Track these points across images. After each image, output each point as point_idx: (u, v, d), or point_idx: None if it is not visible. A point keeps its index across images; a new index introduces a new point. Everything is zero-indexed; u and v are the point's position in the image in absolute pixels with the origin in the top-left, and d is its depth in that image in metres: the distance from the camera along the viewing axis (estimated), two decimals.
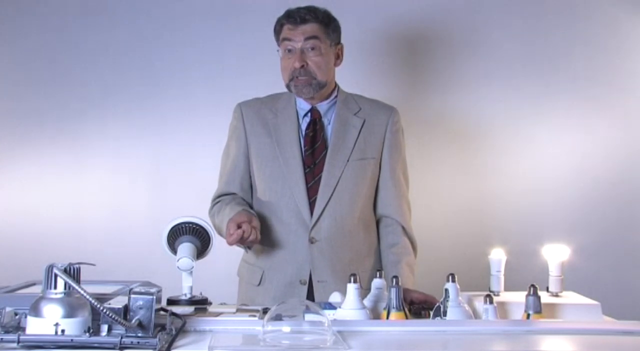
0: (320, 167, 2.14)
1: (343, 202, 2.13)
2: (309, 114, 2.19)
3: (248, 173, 2.22)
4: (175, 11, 2.91)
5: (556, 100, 2.96)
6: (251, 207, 2.19)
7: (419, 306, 1.84)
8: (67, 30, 2.90)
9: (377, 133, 2.20)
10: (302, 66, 2.11)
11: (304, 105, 2.20)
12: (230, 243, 1.97)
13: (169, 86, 2.91)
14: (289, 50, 2.13)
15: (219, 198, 2.22)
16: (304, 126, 2.18)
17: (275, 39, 2.19)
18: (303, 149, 2.15)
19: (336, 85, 2.24)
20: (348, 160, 2.15)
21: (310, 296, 2.09)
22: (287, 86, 2.17)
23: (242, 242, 1.98)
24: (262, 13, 2.84)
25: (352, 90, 2.30)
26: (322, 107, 2.20)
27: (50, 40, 2.90)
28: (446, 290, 1.64)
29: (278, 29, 2.17)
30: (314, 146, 2.16)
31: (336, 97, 2.22)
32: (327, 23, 2.16)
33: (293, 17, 2.13)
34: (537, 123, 2.95)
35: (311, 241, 2.12)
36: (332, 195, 2.12)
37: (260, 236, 2.01)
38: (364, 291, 1.79)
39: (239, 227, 1.95)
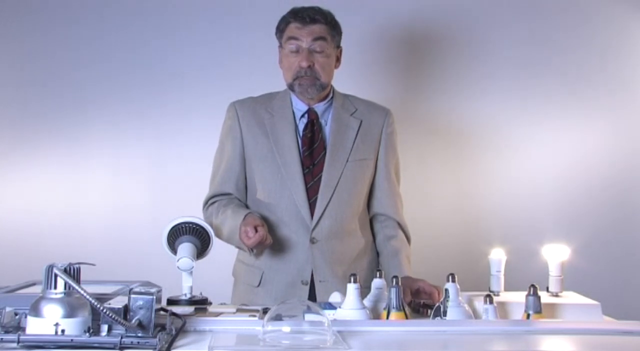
0: (319, 168, 2.14)
1: (343, 202, 2.13)
2: (306, 115, 2.18)
3: (244, 173, 2.20)
4: (175, 13, 2.91)
5: (556, 100, 2.96)
6: (247, 208, 2.19)
7: (421, 303, 1.85)
8: (67, 32, 2.90)
9: (374, 134, 2.21)
10: (309, 66, 2.10)
11: (300, 106, 2.19)
12: (251, 245, 1.98)
13: (169, 87, 2.91)
14: (295, 49, 2.13)
15: (214, 198, 2.21)
16: (301, 127, 2.18)
17: (278, 37, 2.18)
18: (301, 150, 2.15)
19: (331, 86, 2.23)
20: (347, 161, 2.15)
21: (312, 296, 2.09)
22: (290, 85, 2.16)
23: (258, 245, 1.99)
24: (261, 14, 2.86)
25: (349, 90, 2.30)
26: (319, 107, 2.19)
27: (51, 42, 2.90)
28: (446, 290, 1.64)
29: (283, 27, 2.15)
30: (312, 147, 2.15)
31: (332, 98, 2.21)
32: (334, 25, 2.15)
33: (301, 17, 2.11)
34: (536, 123, 2.96)
35: (312, 241, 2.11)
36: (332, 195, 2.12)
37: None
38: (363, 289, 1.80)
39: (255, 230, 1.96)
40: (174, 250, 1.80)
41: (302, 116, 2.18)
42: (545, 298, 1.74)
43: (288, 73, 2.15)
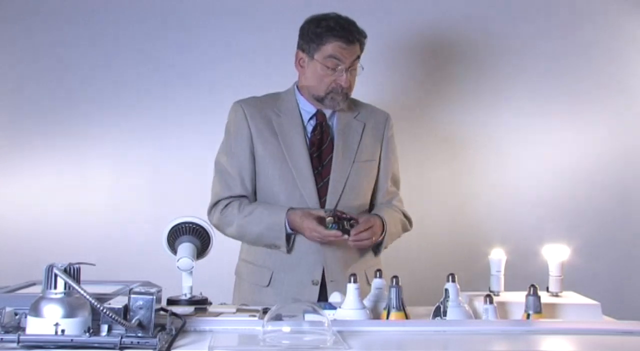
0: (328, 169, 2.14)
1: (351, 202, 2.14)
2: (315, 117, 2.18)
3: (254, 173, 2.17)
4: (178, 15, 2.91)
5: (556, 102, 2.97)
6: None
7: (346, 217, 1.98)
8: (70, 31, 2.90)
9: (376, 136, 2.24)
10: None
11: (309, 108, 2.19)
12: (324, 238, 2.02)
13: (169, 88, 2.91)
14: (333, 67, 2.09)
15: (228, 199, 2.15)
16: (309, 128, 2.18)
17: (312, 47, 2.11)
18: (309, 151, 2.15)
19: None
20: (353, 162, 2.17)
21: (322, 296, 2.08)
22: (320, 97, 2.13)
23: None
24: (265, 14, 2.86)
25: (354, 93, 2.30)
26: (327, 110, 2.19)
27: (52, 41, 2.90)
28: (446, 290, 1.64)
29: (322, 41, 2.09)
30: (322, 148, 2.16)
31: None
32: (364, 44, 2.16)
33: (346, 36, 2.08)
34: (537, 124, 2.96)
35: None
36: (341, 195, 2.13)
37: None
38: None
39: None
40: (174, 250, 1.80)
41: (311, 118, 2.19)
42: (545, 298, 1.74)
43: (319, 86, 2.12)
